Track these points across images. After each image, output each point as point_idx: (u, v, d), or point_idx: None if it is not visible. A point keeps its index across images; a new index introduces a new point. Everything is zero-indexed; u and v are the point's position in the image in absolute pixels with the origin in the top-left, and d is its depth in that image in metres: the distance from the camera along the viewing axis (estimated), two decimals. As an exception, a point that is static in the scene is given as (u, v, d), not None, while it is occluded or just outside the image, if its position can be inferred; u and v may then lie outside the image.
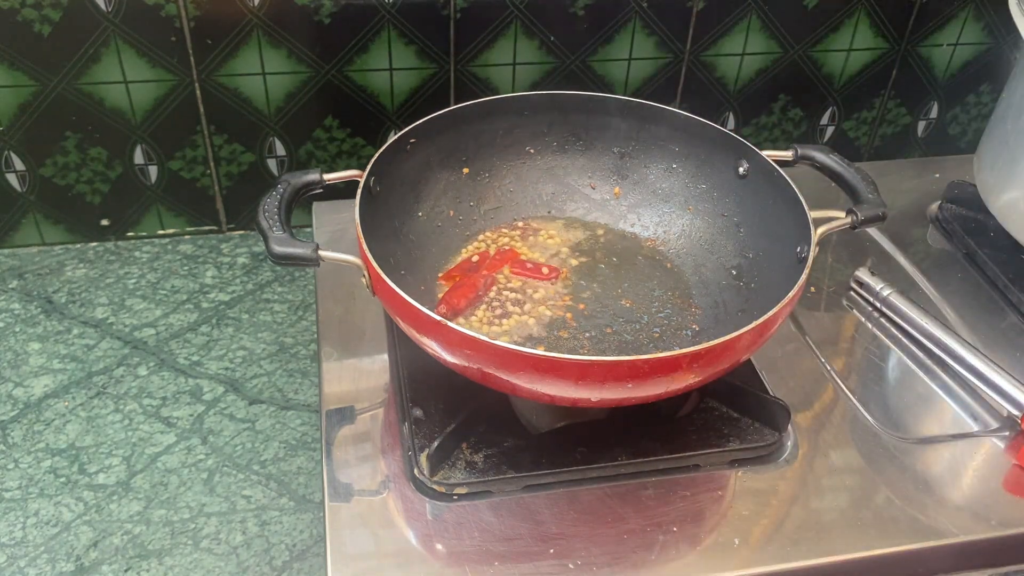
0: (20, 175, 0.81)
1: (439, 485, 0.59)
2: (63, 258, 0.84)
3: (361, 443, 0.63)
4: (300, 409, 0.70)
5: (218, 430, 0.68)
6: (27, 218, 0.83)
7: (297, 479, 0.65)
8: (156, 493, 0.64)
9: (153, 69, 0.77)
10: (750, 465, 0.63)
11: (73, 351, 0.74)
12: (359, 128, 0.84)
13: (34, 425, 0.68)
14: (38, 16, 0.72)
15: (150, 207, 0.85)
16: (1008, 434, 0.66)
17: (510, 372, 0.53)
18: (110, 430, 0.68)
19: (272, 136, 0.83)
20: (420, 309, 0.53)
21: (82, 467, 0.65)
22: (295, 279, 0.82)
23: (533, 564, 0.55)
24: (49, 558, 0.60)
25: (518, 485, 0.60)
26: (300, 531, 0.62)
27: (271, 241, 0.60)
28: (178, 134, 0.81)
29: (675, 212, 0.74)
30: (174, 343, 0.75)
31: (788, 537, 0.58)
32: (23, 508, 0.63)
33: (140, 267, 0.83)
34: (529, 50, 0.83)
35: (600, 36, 0.84)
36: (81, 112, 0.78)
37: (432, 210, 0.73)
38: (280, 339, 0.76)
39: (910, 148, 1.01)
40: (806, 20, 0.88)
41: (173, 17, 0.75)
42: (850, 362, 0.72)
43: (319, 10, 0.77)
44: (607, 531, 0.58)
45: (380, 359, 0.70)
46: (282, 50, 0.78)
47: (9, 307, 0.78)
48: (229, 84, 0.79)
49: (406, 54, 0.81)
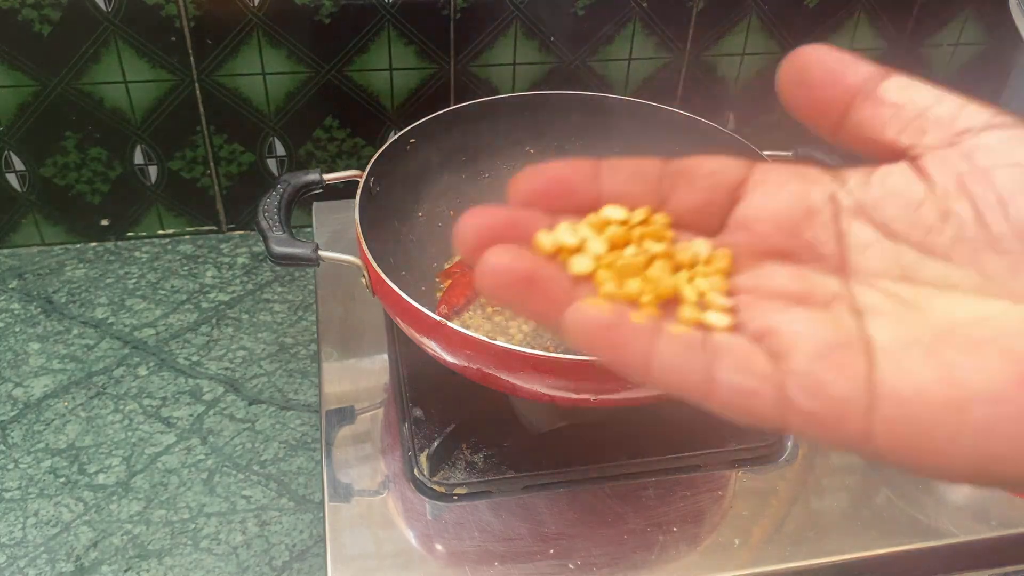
0: (20, 175, 0.80)
1: (439, 485, 0.59)
2: (63, 258, 0.84)
3: (361, 443, 0.63)
4: (300, 409, 0.70)
5: (218, 430, 0.68)
6: (27, 218, 0.83)
7: (297, 479, 0.65)
8: (156, 493, 0.64)
9: (153, 69, 0.77)
10: (750, 465, 0.63)
11: (73, 351, 0.74)
12: (359, 128, 0.84)
13: (34, 425, 0.68)
14: (38, 16, 0.72)
15: (150, 207, 0.85)
16: (1008, 434, 0.65)
17: (510, 372, 0.53)
18: (110, 430, 0.68)
19: (272, 136, 0.83)
20: (420, 309, 0.53)
21: (82, 467, 0.65)
22: (295, 279, 0.82)
23: (533, 564, 0.55)
24: (49, 558, 0.60)
25: (518, 485, 0.60)
26: (300, 531, 0.62)
27: (271, 241, 0.60)
28: (178, 134, 0.81)
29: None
30: (174, 343, 0.75)
31: (788, 537, 0.58)
32: (23, 508, 0.63)
33: (140, 267, 0.83)
34: (529, 50, 0.83)
35: (600, 36, 0.84)
36: (81, 112, 0.78)
37: (432, 210, 0.73)
38: (280, 339, 0.76)
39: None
40: (807, 20, 0.88)
41: (173, 17, 0.75)
42: (850, 362, 0.71)
43: (319, 10, 0.77)
44: (607, 531, 0.58)
45: (380, 359, 0.70)
46: (282, 50, 0.78)
47: (9, 307, 0.78)
48: (229, 84, 0.79)
49: (406, 54, 0.81)
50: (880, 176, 0.26)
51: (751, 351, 0.25)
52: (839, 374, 0.23)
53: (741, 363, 0.24)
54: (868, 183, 0.26)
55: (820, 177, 0.27)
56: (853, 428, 0.23)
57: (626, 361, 0.25)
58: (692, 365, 0.24)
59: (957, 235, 0.24)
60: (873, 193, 0.26)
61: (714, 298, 0.26)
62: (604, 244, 0.27)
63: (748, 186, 0.27)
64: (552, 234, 0.26)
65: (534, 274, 0.25)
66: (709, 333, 0.25)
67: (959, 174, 0.24)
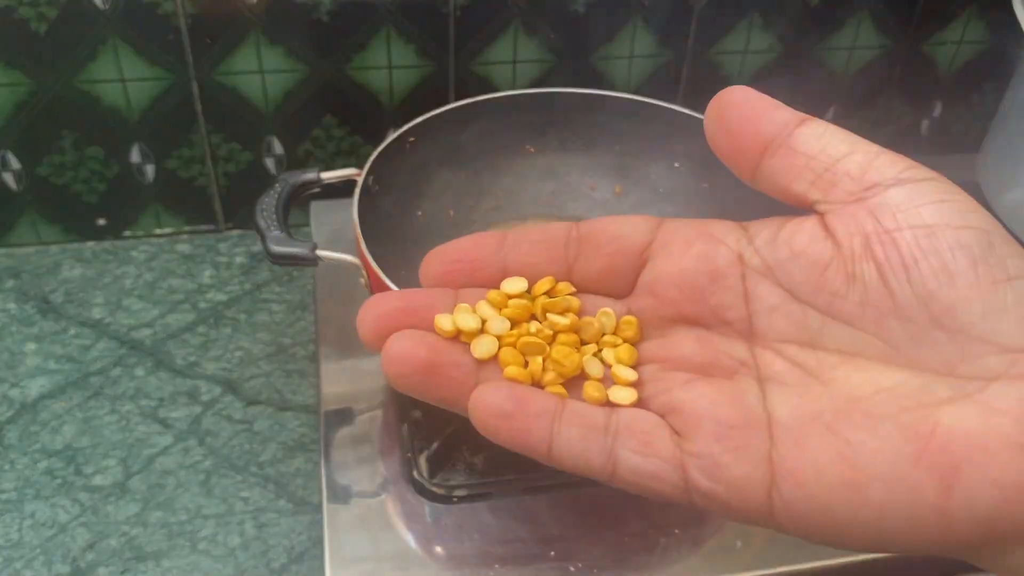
0: (16, 174, 0.80)
1: (438, 487, 0.58)
2: (59, 258, 0.83)
3: (360, 445, 0.63)
4: (298, 410, 0.70)
5: (215, 431, 0.68)
6: (23, 217, 0.83)
7: (295, 481, 0.65)
8: (153, 495, 0.63)
9: (150, 67, 0.76)
10: (752, 467, 0.62)
11: (69, 351, 0.74)
12: (358, 127, 0.84)
13: (30, 426, 0.68)
14: (34, 14, 0.72)
15: (147, 206, 0.85)
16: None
17: (510, 373, 0.53)
18: (107, 431, 0.68)
19: (270, 135, 0.83)
20: (419, 309, 0.53)
21: (78, 468, 0.65)
22: (293, 279, 0.82)
23: (534, 567, 0.55)
24: (45, 560, 0.59)
25: (518, 487, 0.59)
26: (298, 533, 0.61)
27: (269, 241, 0.60)
28: (175, 133, 0.81)
29: (677, 211, 0.73)
30: (171, 343, 0.75)
31: (791, 539, 0.58)
32: (19, 510, 0.62)
33: (137, 267, 0.82)
34: (529, 48, 0.82)
35: (601, 34, 0.83)
36: (78, 111, 0.77)
37: (432, 209, 0.72)
38: (278, 339, 0.76)
39: (913, 147, 1.01)
40: (809, 18, 0.87)
41: (171, 15, 0.74)
42: (853, 362, 0.71)
43: (318, 8, 0.76)
44: (608, 533, 0.57)
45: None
46: (280, 48, 0.78)
47: (5, 307, 0.78)
48: (227, 82, 0.79)
49: (405, 52, 0.80)
50: (788, 234, 0.26)
51: (653, 431, 0.25)
52: (739, 455, 0.24)
53: (643, 445, 0.25)
54: (776, 241, 0.26)
55: (728, 235, 0.27)
56: (754, 507, 0.24)
57: (529, 446, 0.25)
58: (595, 448, 0.25)
59: (862, 299, 0.24)
60: (780, 254, 0.25)
61: (620, 371, 0.26)
62: (505, 322, 0.26)
63: (654, 248, 0.27)
64: (451, 317, 0.26)
65: (435, 360, 0.25)
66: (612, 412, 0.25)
67: (865, 234, 0.24)
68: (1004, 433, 0.22)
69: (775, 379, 0.25)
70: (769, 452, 0.24)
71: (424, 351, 0.25)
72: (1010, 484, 0.22)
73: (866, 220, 0.24)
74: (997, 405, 0.22)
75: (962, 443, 0.22)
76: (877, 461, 0.23)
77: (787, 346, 0.25)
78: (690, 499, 0.24)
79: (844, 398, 0.24)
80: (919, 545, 0.23)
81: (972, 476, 0.22)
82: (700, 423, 0.24)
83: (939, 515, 0.22)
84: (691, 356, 0.26)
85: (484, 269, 0.28)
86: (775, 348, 0.25)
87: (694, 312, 0.26)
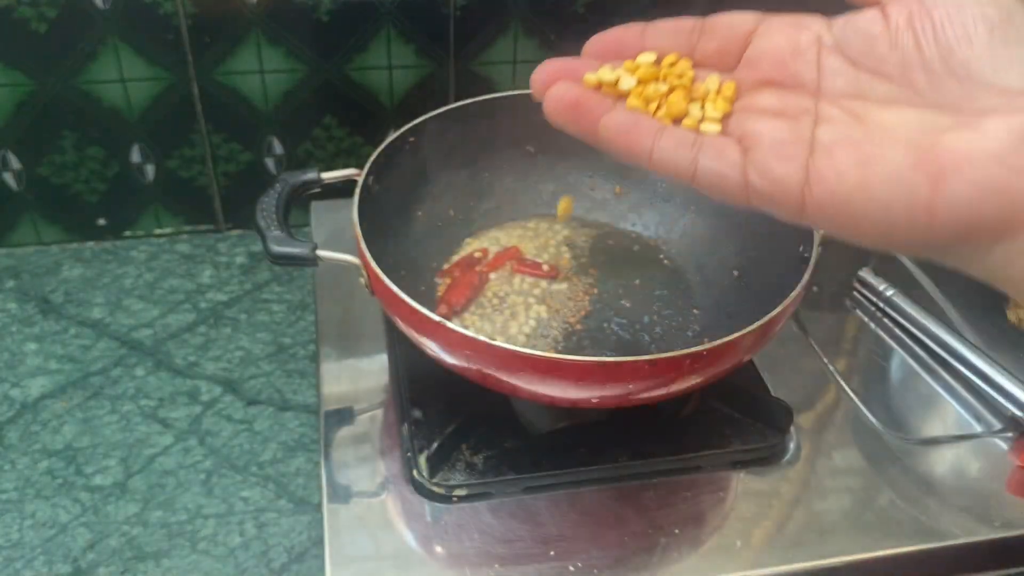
0: (16, 174, 0.80)
1: (438, 487, 0.58)
2: (60, 258, 0.83)
3: (360, 444, 0.63)
4: (299, 410, 0.70)
5: (216, 431, 0.68)
6: (24, 217, 0.83)
7: (296, 480, 0.65)
8: (153, 494, 0.64)
9: (150, 67, 0.77)
10: (752, 466, 0.62)
11: (70, 351, 0.74)
12: (358, 127, 0.84)
13: (31, 426, 0.68)
14: (35, 14, 0.72)
15: (147, 206, 0.85)
16: (1011, 435, 0.65)
17: (510, 373, 0.53)
18: (107, 431, 0.68)
19: (270, 135, 0.83)
20: (420, 309, 0.53)
21: (79, 468, 0.65)
22: (293, 279, 0.82)
23: (533, 566, 0.55)
24: (46, 560, 0.59)
25: (518, 487, 0.59)
26: (299, 533, 0.62)
27: (269, 241, 0.60)
28: (175, 133, 0.81)
29: (677, 211, 0.73)
30: (171, 343, 0.75)
31: (790, 539, 0.58)
32: (20, 510, 0.62)
33: (137, 267, 0.83)
34: (529, 48, 0.82)
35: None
36: (78, 111, 0.77)
37: (432, 209, 0.72)
38: (278, 339, 0.76)
39: None
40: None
41: (171, 15, 0.74)
42: (853, 362, 0.71)
43: (318, 7, 0.76)
44: (608, 533, 0.57)
45: (379, 359, 0.69)
46: (280, 48, 0.78)
47: (6, 307, 0.78)
48: (227, 82, 0.79)
49: (405, 52, 0.80)
50: (854, 19, 0.33)
51: (726, 146, 0.33)
52: (783, 162, 0.31)
53: (718, 154, 0.33)
54: (846, 25, 0.34)
55: (813, 23, 0.35)
56: (792, 201, 0.31)
57: (636, 152, 0.34)
58: (683, 155, 0.33)
59: (900, 61, 0.31)
60: (847, 32, 0.33)
61: (711, 113, 0.34)
62: (635, 79, 0.36)
63: (757, 32, 0.35)
64: (595, 74, 0.36)
65: (580, 100, 0.35)
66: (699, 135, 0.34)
67: (910, 12, 0.31)
68: (987, 149, 0.28)
69: (827, 119, 0.32)
70: (807, 161, 0.31)
71: (573, 94, 0.35)
72: (986, 186, 0.28)
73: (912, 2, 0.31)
74: (988, 130, 0.28)
75: (953, 155, 0.28)
76: (885, 168, 0.29)
77: (843, 99, 0.32)
78: (747, 195, 0.32)
79: (874, 128, 0.31)
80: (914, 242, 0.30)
81: (956, 177, 0.28)
82: (760, 140, 0.32)
83: (928, 212, 0.28)
84: (769, 105, 0.34)
85: (630, 47, 0.37)
86: (834, 101, 0.32)
87: (779, 77, 0.34)
